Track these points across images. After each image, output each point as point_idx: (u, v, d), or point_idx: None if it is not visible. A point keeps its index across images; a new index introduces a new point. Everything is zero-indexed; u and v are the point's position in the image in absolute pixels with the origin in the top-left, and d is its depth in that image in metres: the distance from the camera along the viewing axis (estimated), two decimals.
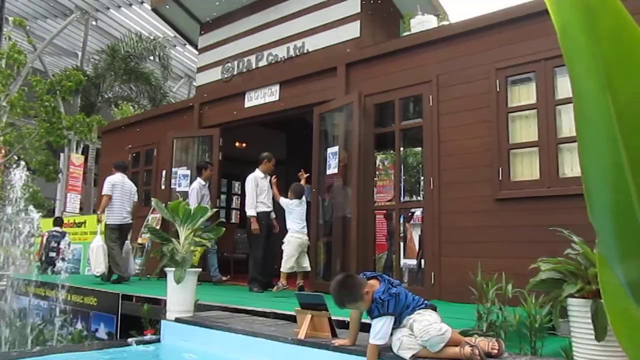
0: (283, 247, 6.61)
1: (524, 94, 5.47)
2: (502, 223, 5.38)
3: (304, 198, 6.85)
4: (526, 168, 5.40)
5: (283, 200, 6.87)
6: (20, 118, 8.07)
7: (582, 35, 0.77)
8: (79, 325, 6.32)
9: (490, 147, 5.58)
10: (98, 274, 7.66)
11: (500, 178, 5.46)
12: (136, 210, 8.46)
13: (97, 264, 7.62)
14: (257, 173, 7.37)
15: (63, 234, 10.55)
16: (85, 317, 6.33)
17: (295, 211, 6.75)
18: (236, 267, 10.03)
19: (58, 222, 11.33)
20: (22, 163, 6.66)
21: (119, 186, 7.99)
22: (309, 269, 6.71)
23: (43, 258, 10.47)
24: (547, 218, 4.76)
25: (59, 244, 10.28)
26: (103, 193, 7.98)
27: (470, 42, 5.92)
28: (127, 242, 8.44)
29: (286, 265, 6.52)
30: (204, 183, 8.08)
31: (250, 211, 7.10)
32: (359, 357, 3.13)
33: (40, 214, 7.53)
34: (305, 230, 6.76)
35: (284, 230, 6.97)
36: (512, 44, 5.51)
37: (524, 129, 5.44)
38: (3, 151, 8.35)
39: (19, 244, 6.31)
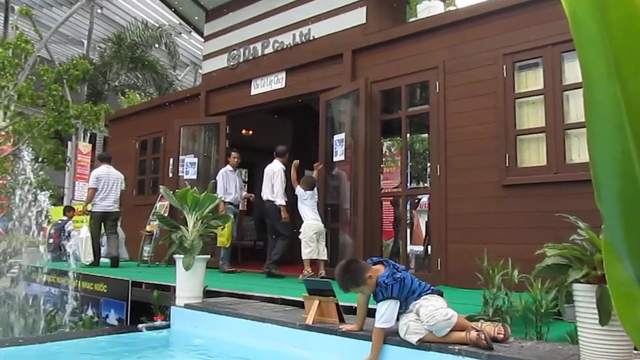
0: (300, 236, 6.56)
1: (531, 80, 5.44)
2: (509, 209, 5.39)
3: (315, 190, 6.81)
4: (533, 154, 5.39)
5: (298, 189, 6.83)
6: (29, 107, 8.11)
7: (592, 23, 0.78)
8: (90, 312, 6.41)
9: (497, 133, 5.57)
10: (88, 263, 8.05)
11: (507, 164, 5.46)
12: (123, 198, 8.84)
13: (86, 253, 8.11)
14: (281, 165, 7.35)
15: (65, 223, 10.62)
16: (96, 304, 6.41)
17: (308, 202, 6.69)
18: (243, 254, 10.09)
19: (66, 210, 11.42)
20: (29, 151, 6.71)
21: (104, 178, 8.35)
22: (326, 257, 6.57)
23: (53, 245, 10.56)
24: (554, 204, 4.77)
25: (58, 232, 10.34)
26: (89, 186, 8.41)
27: (477, 28, 5.89)
28: (120, 229, 8.89)
29: (306, 251, 6.41)
30: (231, 169, 8.11)
31: (281, 200, 7.12)
32: (366, 342, 3.17)
33: (50, 202, 7.61)
34: (319, 219, 6.71)
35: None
36: (519, 29, 5.47)
37: (531, 115, 5.43)
38: (12, 140, 8.41)
39: (29, 232, 6.38)
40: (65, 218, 10.99)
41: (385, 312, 3.07)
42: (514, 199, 5.39)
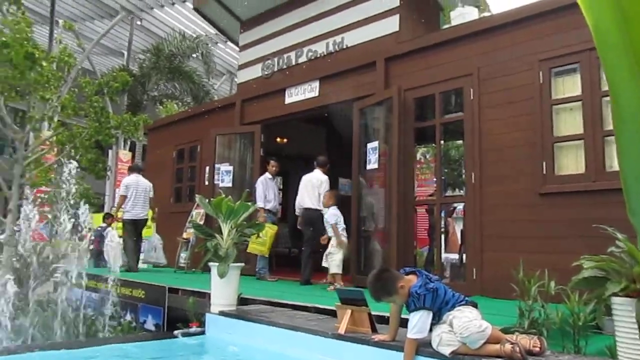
0: (332, 250, 6.59)
1: (569, 86, 5.33)
2: (546, 218, 5.27)
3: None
4: (571, 162, 5.27)
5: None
6: (71, 118, 8.42)
7: (614, 34, 0.78)
8: (129, 317, 6.56)
9: (533, 140, 5.47)
10: (122, 268, 8.15)
11: (544, 172, 5.35)
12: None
13: (116, 259, 8.21)
14: (325, 175, 7.48)
15: (104, 229, 10.96)
16: (134, 309, 6.56)
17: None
18: (278, 261, 10.16)
19: (106, 217, 11.78)
20: (74, 162, 6.94)
21: (133, 186, 8.85)
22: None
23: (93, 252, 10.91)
24: (592, 213, 4.65)
25: (97, 237, 10.70)
26: (119, 194, 9.00)
27: (513, 34, 5.81)
28: (157, 235, 9.53)
29: (339, 265, 6.54)
30: (270, 177, 8.23)
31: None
32: (398, 353, 3.15)
33: (91, 210, 7.87)
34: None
35: None
36: (555, 34, 5.37)
37: (569, 122, 5.31)
38: (56, 150, 8.74)
39: (71, 238, 6.59)
40: (104, 225, 11.32)
41: (418, 322, 3.04)
42: (550, 207, 5.28)
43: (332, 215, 6.65)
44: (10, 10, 7.67)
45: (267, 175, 8.22)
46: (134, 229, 8.84)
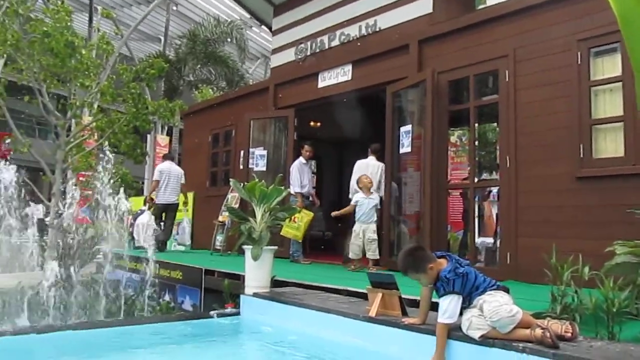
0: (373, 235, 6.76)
1: (608, 66, 5.16)
2: (583, 202, 5.16)
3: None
4: (610, 144, 5.12)
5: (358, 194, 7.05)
6: (110, 104, 8.66)
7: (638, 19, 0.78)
8: (167, 297, 6.77)
9: (570, 122, 5.34)
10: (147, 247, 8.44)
11: (582, 155, 5.22)
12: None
13: (147, 237, 9.03)
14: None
15: (143, 212, 11.29)
16: (172, 290, 6.77)
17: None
18: (312, 244, 10.27)
19: (147, 200, 12.12)
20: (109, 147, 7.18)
21: (166, 172, 9.53)
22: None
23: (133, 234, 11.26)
24: (632, 197, 4.53)
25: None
26: (153, 179, 9.75)
27: (550, 13, 5.64)
28: (186, 218, 10.64)
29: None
30: (304, 162, 8.31)
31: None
32: (428, 336, 3.18)
33: (131, 193, 8.13)
34: None
35: None
36: (594, 13, 5.18)
37: (608, 103, 5.15)
38: (96, 135, 9.02)
39: (112, 221, 6.82)
40: (144, 208, 11.63)
41: (448, 307, 3.06)
42: (588, 191, 5.16)
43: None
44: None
45: (301, 159, 8.28)
46: (162, 213, 9.61)
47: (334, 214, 7.33)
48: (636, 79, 0.78)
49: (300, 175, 8.11)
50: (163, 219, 9.75)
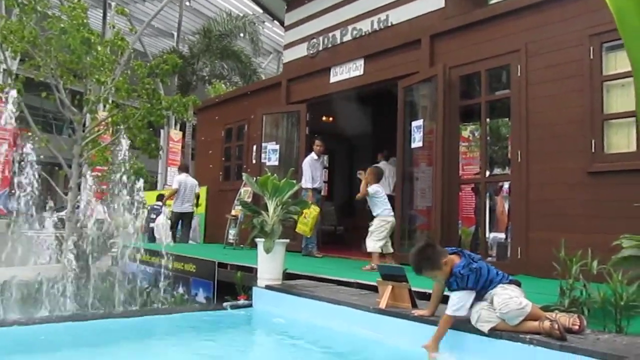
0: (372, 229, 6.37)
1: (621, 61, 5.13)
2: (595, 197, 5.17)
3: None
4: (622, 140, 5.11)
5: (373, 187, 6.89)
6: (125, 100, 8.78)
7: (636, 18, 0.82)
8: (181, 290, 6.88)
9: (582, 117, 5.33)
10: (171, 244, 9.36)
11: (593, 150, 5.22)
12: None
13: (166, 236, 9.97)
14: None
15: (161, 208, 11.48)
16: (186, 283, 6.87)
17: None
18: (323, 238, 10.31)
19: (159, 197, 12.31)
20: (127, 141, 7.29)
21: (183, 184, 10.48)
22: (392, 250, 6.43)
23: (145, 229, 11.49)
24: None
25: (157, 216, 11.25)
26: (173, 187, 10.77)
27: (562, 8, 5.63)
28: (196, 216, 11.25)
29: (378, 245, 6.21)
30: (316, 157, 8.37)
31: None
32: (436, 328, 3.23)
33: (145, 187, 8.25)
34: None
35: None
36: (606, 7, 5.14)
37: (620, 98, 5.14)
38: (111, 130, 9.15)
39: (127, 215, 6.94)
40: (160, 203, 11.81)
41: (459, 301, 3.09)
42: (600, 186, 5.16)
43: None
44: None
45: (313, 155, 8.33)
46: (179, 220, 10.56)
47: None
48: (634, 77, 0.81)
49: (312, 171, 8.16)
50: (178, 226, 10.63)
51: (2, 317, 5.01)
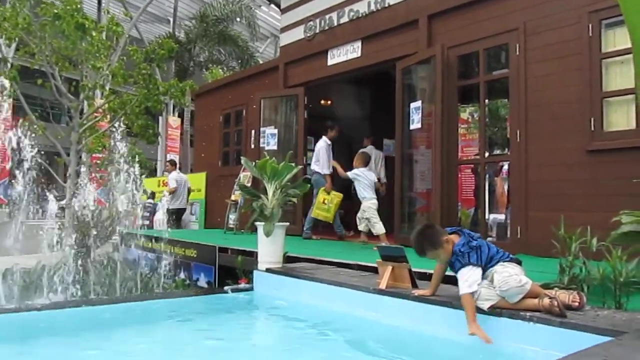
0: (366, 215, 6.78)
1: (620, 38, 5.09)
2: (594, 176, 5.16)
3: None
4: (621, 117, 5.10)
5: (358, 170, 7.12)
6: (121, 86, 8.73)
7: None
8: (182, 275, 6.90)
9: (581, 96, 5.31)
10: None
11: (592, 128, 5.21)
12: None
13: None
14: None
15: (155, 206, 11.58)
16: (188, 268, 6.90)
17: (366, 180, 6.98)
18: (323, 222, 10.31)
19: (151, 195, 12.38)
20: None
21: (178, 180, 11.04)
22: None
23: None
24: None
25: (152, 214, 11.33)
26: (172, 186, 11.09)
27: None
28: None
29: (378, 226, 6.66)
30: (329, 142, 8.36)
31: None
32: (437, 307, 3.25)
33: (144, 175, 8.24)
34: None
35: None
36: None
37: (620, 76, 5.11)
38: (108, 117, 9.11)
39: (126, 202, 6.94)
40: (152, 201, 11.96)
41: (469, 277, 3.06)
42: (599, 165, 5.16)
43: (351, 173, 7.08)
44: None
45: (327, 140, 8.27)
46: (175, 215, 11.00)
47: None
48: (634, 53, 0.80)
49: (328, 157, 8.14)
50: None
51: (5, 304, 5.03)
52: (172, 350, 3.29)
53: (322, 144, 8.21)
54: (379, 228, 6.61)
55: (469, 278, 3.07)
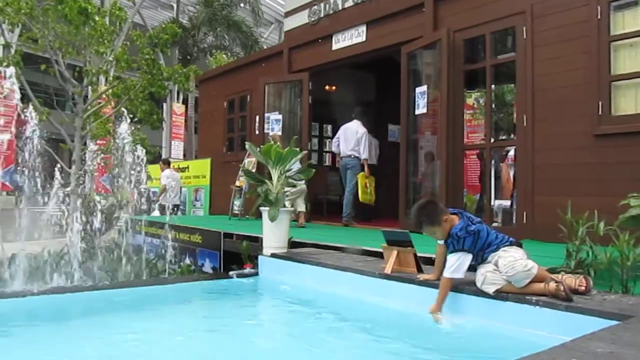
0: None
1: (629, 20, 5.01)
2: (602, 160, 5.11)
3: None
4: (629, 101, 5.02)
5: None
6: (125, 71, 8.69)
7: None
8: (187, 260, 6.93)
9: (589, 79, 5.24)
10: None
11: (600, 112, 5.14)
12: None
13: None
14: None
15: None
16: (193, 253, 6.92)
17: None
18: (329, 208, 10.34)
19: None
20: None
21: (171, 178, 11.22)
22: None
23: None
24: None
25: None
26: (163, 183, 11.18)
27: None
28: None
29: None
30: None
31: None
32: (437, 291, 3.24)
33: (148, 159, 8.25)
34: None
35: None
36: None
37: (629, 59, 5.03)
38: (112, 103, 9.09)
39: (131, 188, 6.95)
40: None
41: (456, 263, 3.11)
42: (607, 149, 5.10)
43: None
44: None
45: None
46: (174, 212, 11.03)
47: None
48: None
49: (368, 144, 8.29)
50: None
51: (12, 288, 5.06)
52: (178, 334, 3.30)
53: (364, 130, 8.27)
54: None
55: (456, 263, 3.11)
